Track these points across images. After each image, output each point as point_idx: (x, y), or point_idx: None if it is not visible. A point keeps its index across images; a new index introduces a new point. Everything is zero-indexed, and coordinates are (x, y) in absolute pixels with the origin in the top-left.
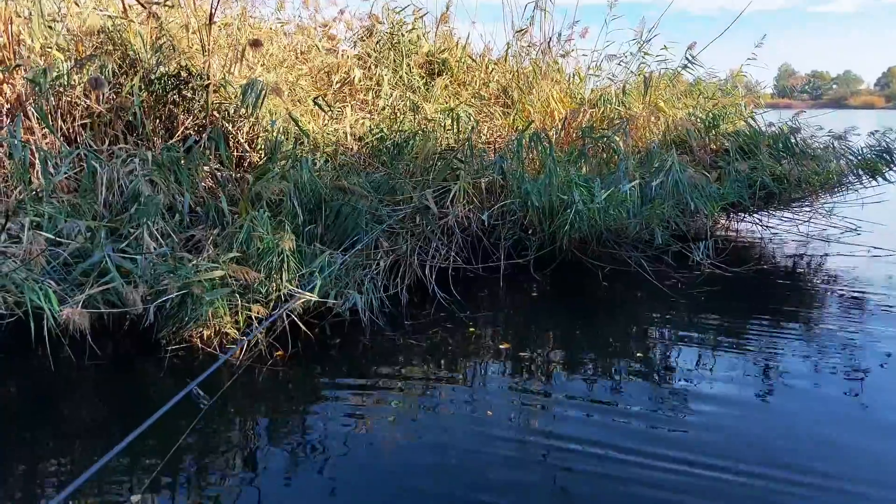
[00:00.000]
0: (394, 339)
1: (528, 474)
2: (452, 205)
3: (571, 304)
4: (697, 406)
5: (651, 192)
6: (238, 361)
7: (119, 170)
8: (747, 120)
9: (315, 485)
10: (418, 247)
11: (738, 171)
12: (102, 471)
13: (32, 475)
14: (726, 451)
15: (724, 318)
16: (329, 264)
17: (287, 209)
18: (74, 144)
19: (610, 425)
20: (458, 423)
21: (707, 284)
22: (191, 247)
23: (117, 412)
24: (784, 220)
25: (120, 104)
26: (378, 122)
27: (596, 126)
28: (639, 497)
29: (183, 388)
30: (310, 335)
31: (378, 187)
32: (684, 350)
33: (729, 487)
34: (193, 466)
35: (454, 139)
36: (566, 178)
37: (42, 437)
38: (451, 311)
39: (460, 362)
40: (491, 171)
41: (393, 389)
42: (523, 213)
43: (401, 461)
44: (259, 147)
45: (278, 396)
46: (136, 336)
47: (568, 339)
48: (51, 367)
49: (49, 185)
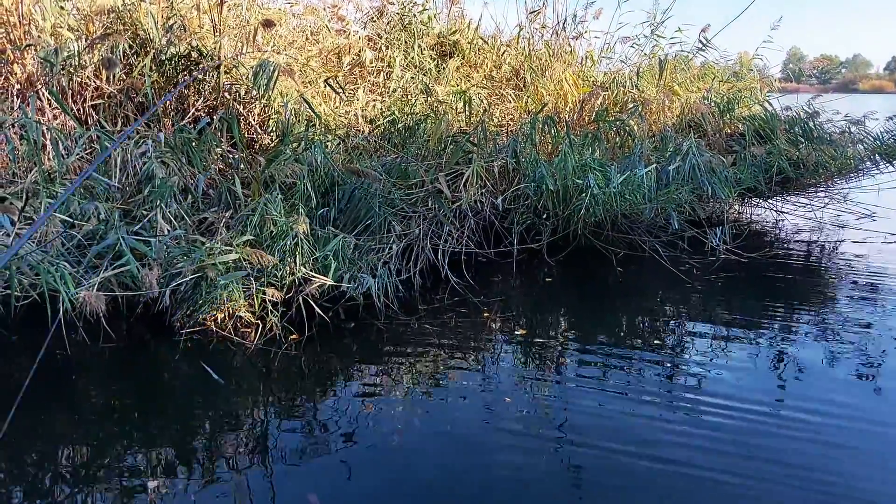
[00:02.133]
0: (408, 324)
1: (542, 461)
2: (465, 189)
3: (585, 289)
4: (712, 392)
5: (667, 177)
6: (253, 345)
7: (132, 151)
8: (763, 104)
9: (327, 467)
10: (431, 231)
11: (755, 155)
12: (119, 456)
13: (47, 456)
14: (740, 437)
15: (740, 304)
16: (343, 248)
17: (300, 192)
18: (85, 126)
19: (624, 411)
20: (472, 408)
21: (722, 270)
22: (203, 229)
23: (132, 394)
24: (798, 206)
25: (131, 85)
26: (389, 104)
27: (609, 109)
28: (652, 485)
29: (197, 370)
30: (325, 318)
31: (390, 171)
32: (699, 336)
33: (742, 475)
34: (208, 448)
35: (466, 122)
36: (581, 161)
37: (57, 418)
38: (465, 296)
39: (475, 347)
40: (504, 155)
41: (407, 374)
42: (537, 198)
43: (414, 445)
44: (270, 129)
45: (292, 379)
46: (150, 319)
47: (582, 325)
48: (66, 349)
49: (62, 166)
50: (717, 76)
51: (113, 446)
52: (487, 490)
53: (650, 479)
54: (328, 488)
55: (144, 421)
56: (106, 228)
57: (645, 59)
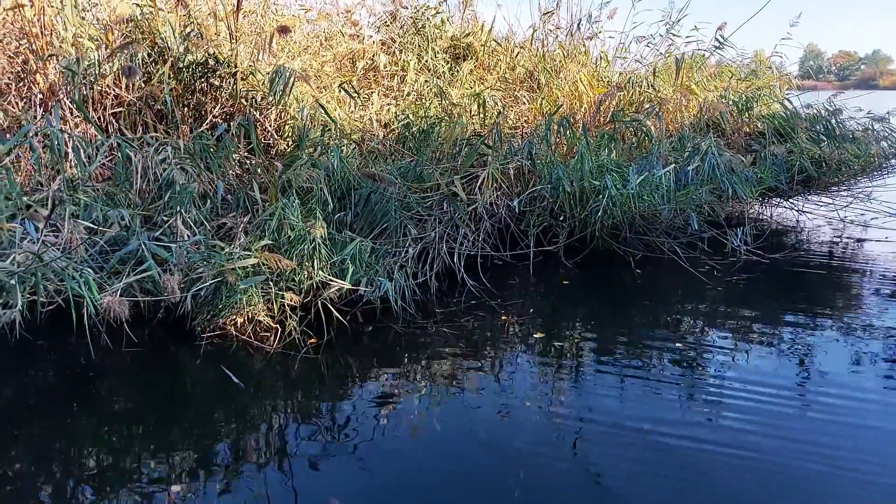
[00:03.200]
0: (425, 327)
1: (561, 465)
2: (480, 191)
3: (603, 291)
4: (733, 396)
5: (686, 177)
6: (272, 348)
7: (152, 158)
8: (783, 102)
9: (347, 471)
10: (446, 234)
11: (775, 154)
12: (141, 459)
13: (71, 459)
14: (761, 441)
15: (761, 305)
16: (360, 252)
17: (316, 196)
18: (106, 134)
19: (644, 415)
20: (490, 411)
21: (743, 271)
22: (222, 234)
23: (154, 398)
24: (820, 205)
25: (150, 93)
26: (404, 108)
27: (625, 110)
28: (673, 491)
29: (218, 374)
30: (343, 322)
31: (405, 174)
32: (720, 338)
33: (763, 476)
34: (229, 452)
35: (480, 124)
36: (598, 162)
37: (81, 421)
38: (481, 299)
39: (492, 351)
40: (520, 157)
41: (425, 377)
42: (553, 200)
43: (433, 449)
44: (287, 135)
45: (311, 383)
46: (171, 324)
47: (601, 328)
48: (90, 353)
49: (85, 173)
50: (734, 74)
51: (136, 449)
52: (506, 494)
53: (671, 486)
54: (348, 492)
55: (166, 424)
56: (128, 234)
57: (660, 59)
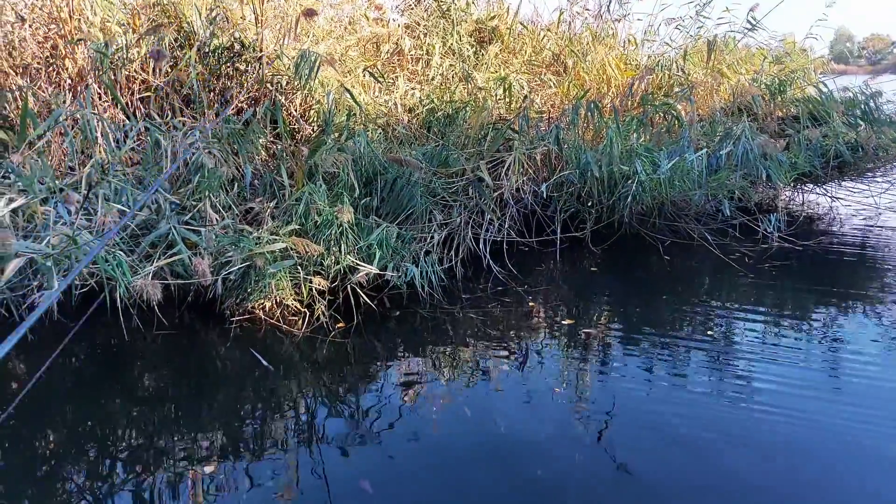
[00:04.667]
0: (452, 312)
1: (586, 452)
2: (507, 176)
3: (631, 278)
4: (762, 386)
5: (719, 162)
6: (301, 332)
7: (181, 142)
8: (817, 85)
9: (373, 454)
10: (472, 220)
11: (809, 138)
12: (172, 439)
13: (104, 439)
14: (790, 433)
15: (792, 293)
16: (386, 237)
17: (343, 181)
18: (133, 118)
19: (672, 402)
20: (517, 397)
21: (775, 258)
22: (250, 219)
23: (185, 380)
24: (854, 192)
25: (176, 77)
26: (429, 92)
27: (654, 93)
28: (700, 476)
29: (247, 357)
30: (372, 306)
31: (430, 159)
32: (750, 327)
33: (792, 469)
34: (259, 434)
35: (506, 108)
36: (627, 147)
37: (113, 402)
38: (507, 285)
39: (520, 337)
40: (546, 142)
41: (452, 362)
42: (581, 185)
43: (460, 434)
44: (312, 119)
45: (339, 366)
46: (201, 307)
47: (629, 315)
48: (122, 335)
49: (116, 157)
50: (767, 57)
51: (167, 430)
52: (532, 480)
53: (698, 471)
54: (375, 475)
55: (197, 406)
56: (158, 218)
57: (690, 41)
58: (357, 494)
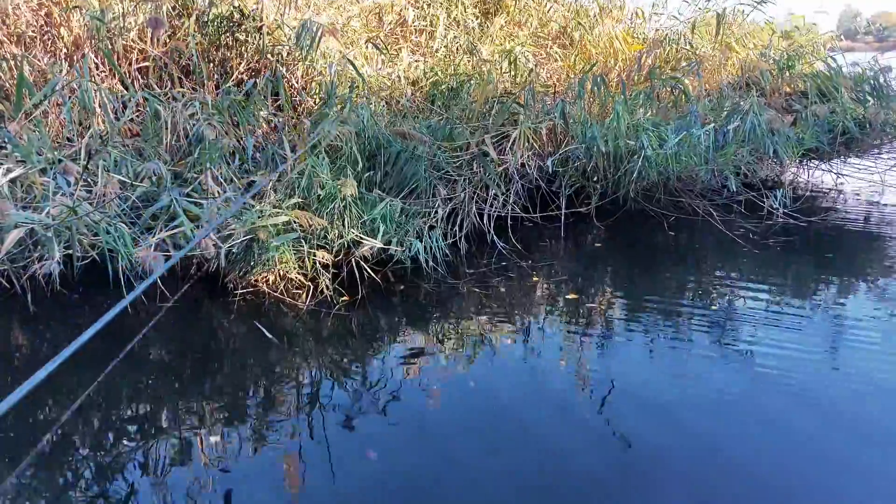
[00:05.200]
0: (455, 287)
1: (589, 426)
2: (512, 151)
3: (636, 254)
4: (765, 361)
5: (726, 137)
6: (305, 305)
7: (181, 113)
8: (826, 60)
9: (378, 425)
10: (476, 195)
11: (817, 114)
12: (177, 410)
13: (109, 409)
14: (792, 408)
15: (797, 270)
16: (390, 212)
17: (346, 155)
18: (132, 89)
19: (676, 377)
20: (520, 370)
21: (780, 234)
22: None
23: (189, 352)
24: (860, 168)
25: (175, 47)
26: (432, 65)
27: (661, 67)
28: (704, 451)
29: (251, 330)
30: (376, 280)
31: (434, 133)
32: (754, 303)
33: (792, 444)
34: (263, 405)
35: (512, 82)
36: (634, 122)
37: (118, 373)
38: (511, 261)
39: (523, 311)
40: (552, 116)
41: (456, 336)
42: (586, 160)
43: (461, 406)
44: (313, 92)
45: (343, 340)
46: (204, 280)
47: (633, 291)
48: (126, 307)
49: (115, 128)
50: (775, 32)
51: (171, 401)
52: (533, 454)
53: (702, 445)
54: (378, 446)
55: (201, 377)
56: (159, 190)
57: (699, 14)
58: (362, 464)
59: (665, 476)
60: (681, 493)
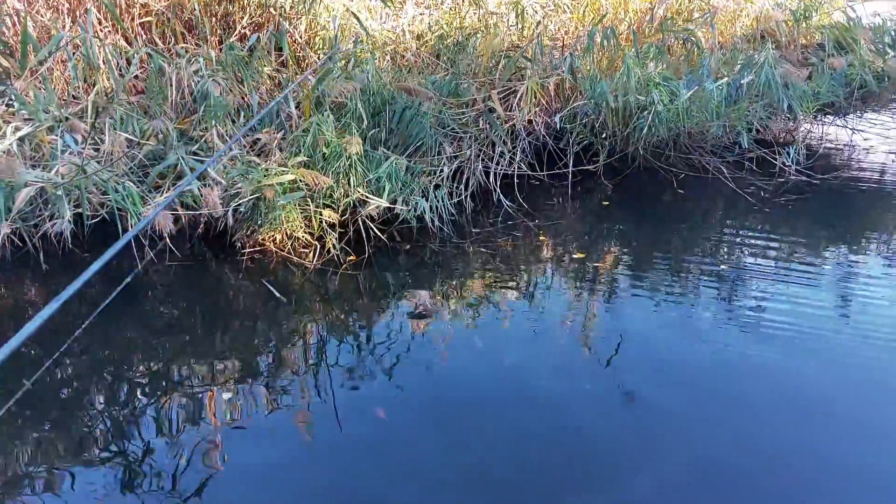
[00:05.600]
0: (461, 246)
1: (593, 385)
2: (519, 107)
3: (645, 212)
4: (772, 320)
5: (739, 92)
6: (312, 264)
7: (185, 69)
8: (844, 10)
9: (383, 383)
10: (482, 152)
11: (834, 67)
12: (186, 367)
13: (120, 367)
14: (799, 366)
15: (808, 228)
16: (395, 170)
17: (350, 111)
18: (135, 45)
19: (683, 336)
20: (525, 330)
21: (792, 192)
22: (257, 150)
23: (198, 310)
24: (875, 124)
25: (178, 2)
26: (438, 18)
27: (673, 19)
28: (710, 411)
29: (259, 288)
30: (382, 239)
31: (440, 89)
32: (763, 262)
33: (798, 402)
34: (272, 363)
35: (519, 36)
36: (645, 76)
37: (128, 331)
38: (518, 219)
39: (529, 271)
40: (560, 70)
41: (461, 295)
42: (595, 116)
43: (466, 365)
44: (317, 47)
45: (350, 298)
46: (212, 239)
47: (641, 250)
48: (135, 266)
49: (120, 85)
50: None
51: (182, 358)
52: (537, 410)
53: (710, 404)
54: (383, 403)
55: (211, 335)
56: (165, 148)
57: None
58: (370, 421)
59: (669, 434)
60: (686, 452)
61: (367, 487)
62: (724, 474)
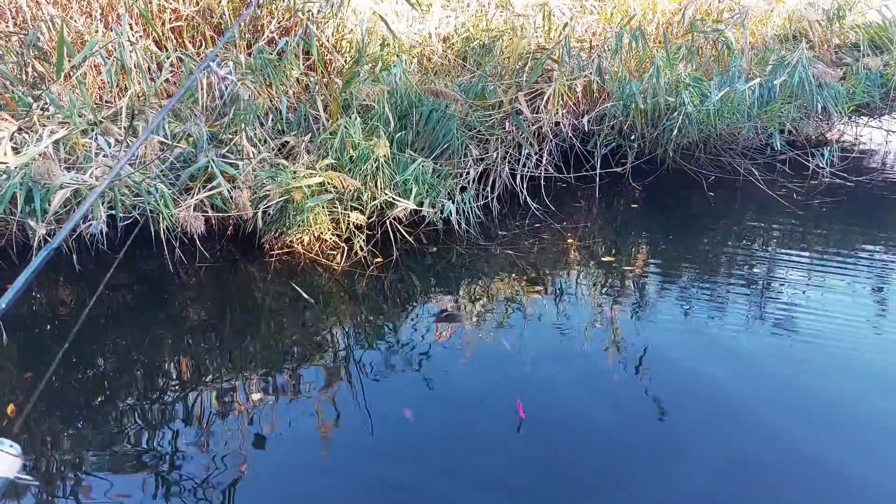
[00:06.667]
0: (488, 249)
1: (621, 390)
2: (546, 109)
3: (674, 215)
4: (804, 326)
5: (771, 93)
6: (339, 266)
7: (216, 73)
8: (880, 10)
9: (411, 385)
10: (508, 154)
11: (869, 67)
12: (215, 368)
13: (151, 367)
14: (835, 377)
15: (843, 232)
16: (422, 172)
17: (378, 114)
18: (165, 50)
19: (710, 346)
20: (551, 333)
21: (825, 195)
22: (286, 153)
23: (227, 311)
24: None
25: (207, 6)
26: (464, 20)
27: (703, 19)
28: (739, 417)
29: (287, 290)
30: (409, 242)
31: (466, 91)
32: (796, 267)
33: (833, 414)
34: (300, 364)
35: (546, 37)
36: (674, 77)
37: (159, 331)
38: (545, 222)
39: (557, 274)
40: (588, 72)
41: (488, 297)
42: (623, 118)
43: (493, 367)
44: (344, 50)
45: (378, 300)
46: (241, 241)
47: (671, 253)
48: (166, 267)
49: (152, 89)
50: None
51: (211, 359)
52: (566, 416)
53: (740, 414)
54: (412, 404)
55: (240, 337)
56: (196, 151)
57: None
58: (398, 423)
59: (698, 444)
60: (715, 462)
61: (395, 488)
62: (752, 486)
